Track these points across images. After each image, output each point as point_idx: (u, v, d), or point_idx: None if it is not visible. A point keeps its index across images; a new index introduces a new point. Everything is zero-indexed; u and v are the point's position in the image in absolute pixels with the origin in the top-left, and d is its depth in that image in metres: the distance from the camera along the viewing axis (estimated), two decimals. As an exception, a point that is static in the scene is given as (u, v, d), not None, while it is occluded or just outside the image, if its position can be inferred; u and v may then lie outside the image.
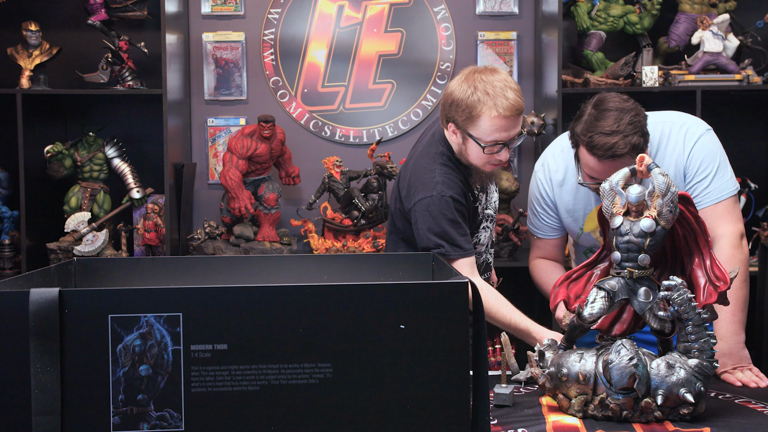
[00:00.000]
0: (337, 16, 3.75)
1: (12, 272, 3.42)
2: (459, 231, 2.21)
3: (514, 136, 2.20)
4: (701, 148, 2.08)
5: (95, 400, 1.23)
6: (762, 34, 3.54)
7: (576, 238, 2.27)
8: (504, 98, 2.13)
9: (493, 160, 2.21)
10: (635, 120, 1.94)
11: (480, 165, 2.23)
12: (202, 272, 1.77)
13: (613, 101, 1.97)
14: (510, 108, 2.13)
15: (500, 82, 2.16)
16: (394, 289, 1.28)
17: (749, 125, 3.74)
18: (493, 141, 2.17)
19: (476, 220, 2.35)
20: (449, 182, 2.23)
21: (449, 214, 2.20)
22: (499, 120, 2.14)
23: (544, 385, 1.75)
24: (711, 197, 2.07)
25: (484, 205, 2.38)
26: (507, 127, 2.16)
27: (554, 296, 1.80)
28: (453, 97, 2.20)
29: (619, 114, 1.94)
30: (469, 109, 2.16)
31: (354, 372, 1.27)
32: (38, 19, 3.53)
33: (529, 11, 3.76)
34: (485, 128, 2.15)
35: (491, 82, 2.15)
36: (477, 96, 2.15)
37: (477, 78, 2.18)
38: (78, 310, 1.22)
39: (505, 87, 2.15)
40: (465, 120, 2.18)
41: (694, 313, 1.62)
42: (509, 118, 2.14)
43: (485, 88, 2.15)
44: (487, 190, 2.40)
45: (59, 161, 3.48)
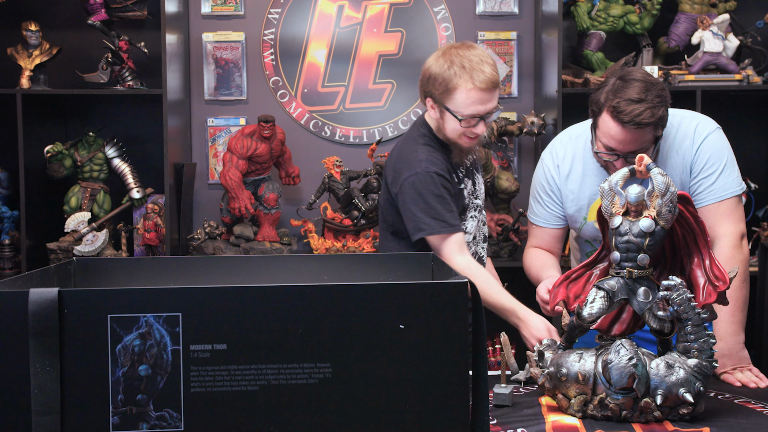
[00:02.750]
0: (337, 16, 3.75)
1: (12, 272, 3.42)
2: (446, 207, 2.24)
3: (491, 110, 2.25)
4: (710, 144, 2.08)
5: (95, 400, 1.23)
6: (762, 34, 3.54)
7: (579, 229, 2.25)
8: (480, 71, 2.19)
9: (470, 134, 2.26)
10: (662, 94, 1.93)
11: (457, 139, 2.28)
12: (202, 272, 1.77)
13: (640, 72, 1.97)
14: (486, 81, 2.19)
15: (476, 56, 2.21)
16: (394, 289, 1.28)
17: (749, 125, 3.74)
18: (470, 114, 2.22)
19: (461, 202, 2.36)
20: (433, 159, 2.28)
21: (435, 189, 2.24)
22: (475, 93, 2.19)
23: (543, 385, 1.75)
24: (715, 195, 2.06)
25: (470, 191, 2.39)
26: (483, 100, 2.21)
27: (554, 296, 1.80)
28: (430, 72, 2.26)
29: (646, 85, 1.93)
30: (446, 83, 2.21)
31: (354, 372, 1.27)
32: (38, 19, 3.53)
33: (529, 11, 3.76)
34: (462, 101, 2.20)
35: (467, 56, 2.21)
36: (453, 70, 2.20)
37: (453, 53, 2.23)
38: (77, 310, 1.23)
39: (482, 61, 2.21)
40: (442, 93, 2.23)
41: (693, 313, 1.62)
42: (485, 91, 2.20)
43: (461, 62, 2.20)
44: (474, 179, 2.43)
45: (59, 161, 3.48)
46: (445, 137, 2.31)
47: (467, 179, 2.39)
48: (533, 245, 2.34)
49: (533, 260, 2.30)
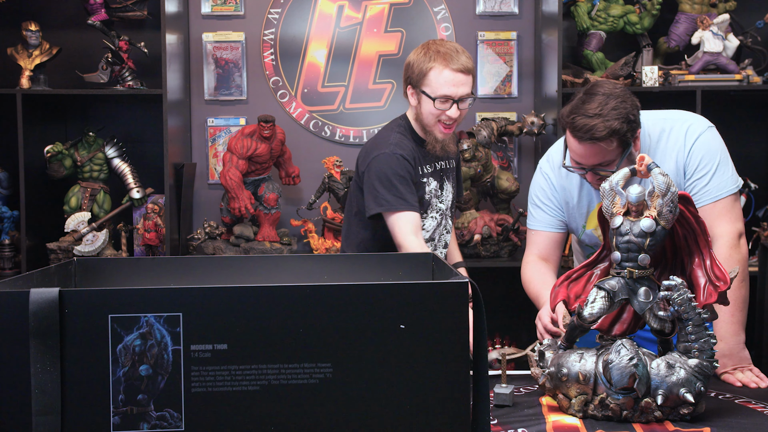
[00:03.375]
0: (337, 16, 3.75)
1: (12, 272, 3.42)
2: (407, 188, 2.36)
3: (464, 95, 2.38)
4: (702, 145, 2.07)
5: (95, 400, 1.23)
6: (762, 34, 3.54)
7: (579, 235, 2.26)
8: (454, 57, 2.36)
9: (444, 118, 2.38)
10: (620, 106, 1.93)
11: (432, 124, 2.41)
12: (202, 272, 1.77)
13: (604, 87, 1.98)
14: (458, 64, 2.35)
15: (452, 46, 2.40)
16: (394, 289, 1.28)
17: (749, 125, 3.74)
18: (442, 94, 2.35)
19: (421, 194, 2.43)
20: (402, 144, 2.43)
21: (400, 170, 2.37)
22: (448, 74, 2.35)
23: (544, 385, 1.75)
24: (710, 195, 2.06)
25: (435, 191, 2.46)
26: (455, 83, 2.35)
27: (554, 296, 1.80)
28: (409, 61, 2.45)
29: (605, 99, 1.94)
30: (421, 66, 2.39)
31: (354, 372, 1.27)
32: (38, 19, 3.53)
33: (529, 11, 3.76)
34: (435, 82, 2.36)
35: (443, 44, 2.40)
36: (429, 55, 2.39)
37: (430, 43, 2.43)
38: (78, 310, 1.22)
39: (456, 50, 2.38)
40: (418, 77, 2.40)
41: (694, 313, 1.62)
42: (457, 74, 2.35)
43: (437, 48, 2.39)
44: (443, 184, 2.52)
45: (59, 161, 3.48)
46: (422, 125, 2.44)
47: (432, 179, 2.48)
48: (533, 253, 2.28)
49: (533, 275, 2.23)
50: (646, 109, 2.20)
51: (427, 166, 2.47)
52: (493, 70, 3.77)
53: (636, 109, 1.97)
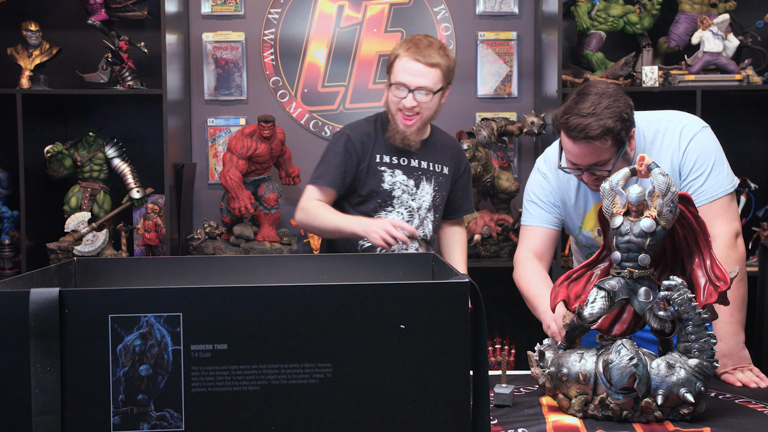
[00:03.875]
0: (337, 16, 3.75)
1: (12, 272, 3.42)
2: (332, 161, 2.46)
3: (420, 86, 2.40)
4: (697, 145, 2.07)
5: (95, 400, 1.23)
6: (762, 34, 3.54)
7: (576, 236, 2.26)
8: (421, 49, 2.39)
9: (401, 105, 2.42)
10: (613, 105, 1.94)
11: (393, 112, 2.46)
12: (202, 272, 1.77)
13: (596, 87, 1.98)
14: (422, 55, 2.39)
15: (427, 40, 2.43)
16: (394, 289, 1.28)
17: (749, 125, 3.74)
18: (398, 81, 2.41)
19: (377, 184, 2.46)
20: (357, 125, 2.54)
21: (337, 147, 2.49)
22: (407, 62, 2.40)
23: (544, 385, 1.75)
24: (706, 195, 2.05)
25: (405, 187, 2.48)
26: (414, 72, 2.39)
27: (554, 296, 1.80)
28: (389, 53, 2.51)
29: (598, 98, 1.95)
30: (392, 54, 2.47)
31: (354, 372, 1.27)
32: (38, 19, 3.53)
33: (529, 11, 3.76)
34: (396, 68, 2.43)
35: (420, 37, 2.44)
36: (403, 44, 2.45)
37: (414, 36, 2.48)
38: (78, 310, 1.22)
39: (430, 44, 2.41)
40: (388, 65, 2.48)
41: (694, 313, 1.62)
42: (417, 64, 2.39)
43: (412, 39, 2.44)
44: (419, 182, 2.52)
45: (59, 161, 3.48)
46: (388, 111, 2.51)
47: (400, 171, 2.49)
48: (528, 249, 2.23)
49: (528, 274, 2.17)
50: (647, 110, 2.21)
51: (393, 157, 2.49)
52: (493, 70, 3.77)
53: (629, 108, 1.97)
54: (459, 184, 2.67)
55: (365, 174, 2.47)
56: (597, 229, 2.17)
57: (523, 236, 2.28)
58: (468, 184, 2.72)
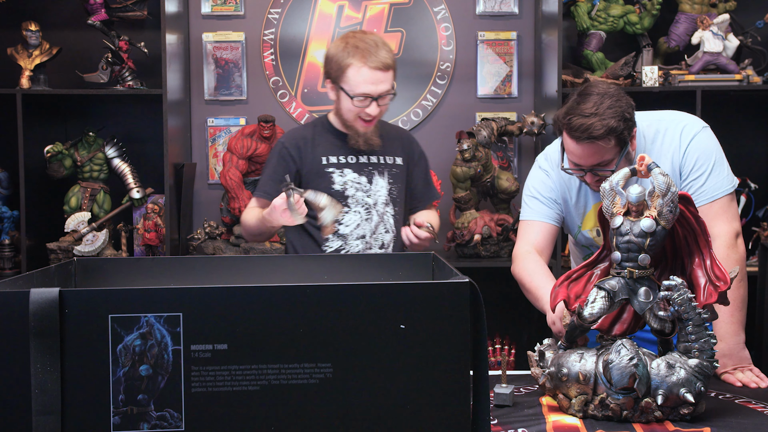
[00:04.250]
0: (337, 16, 3.75)
1: (12, 272, 3.42)
2: (270, 173, 2.43)
3: (384, 92, 2.34)
4: (697, 145, 2.07)
5: (95, 400, 1.23)
6: (762, 34, 3.54)
7: (574, 235, 2.26)
8: (372, 53, 2.30)
9: (363, 115, 2.35)
10: (615, 105, 1.94)
11: (351, 120, 2.38)
12: (202, 272, 1.77)
13: (598, 87, 1.98)
14: (377, 61, 2.30)
15: (371, 39, 2.34)
16: (394, 289, 1.28)
17: (749, 125, 3.74)
18: (361, 93, 2.32)
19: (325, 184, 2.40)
20: (290, 133, 2.51)
21: (272, 157, 2.47)
22: (366, 72, 2.30)
23: (544, 385, 1.75)
24: (706, 195, 2.06)
25: (358, 185, 2.42)
26: (374, 81, 2.31)
27: (554, 296, 1.79)
28: (327, 54, 2.39)
29: (600, 98, 1.95)
30: (339, 62, 2.33)
31: (354, 372, 1.27)
32: (38, 19, 3.53)
33: (529, 11, 3.76)
34: (353, 80, 2.31)
35: (362, 38, 2.34)
36: (348, 50, 2.32)
37: (350, 35, 2.37)
38: (78, 310, 1.22)
39: (376, 44, 2.33)
40: (336, 72, 2.35)
41: (694, 313, 1.62)
42: (376, 71, 2.31)
43: (356, 43, 2.32)
44: (372, 178, 2.46)
45: (59, 161, 3.48)
46: (342, 120, 2.42)
47: (350, 170, 2.43)
48: (528, 243, 2.19)
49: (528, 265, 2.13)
50: (647, 110, 2.21)
51: (339, 157, 2.43)
52: (493, 70, 3.77)
53: (631, 108, 1.98)
54: (416, 172, 2.58)
55: (311, 178, 2.40)
56: (596, 229, 2.17)
57: (523, 231, 2.23)
58: (427, 171, 2.62)
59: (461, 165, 3.46)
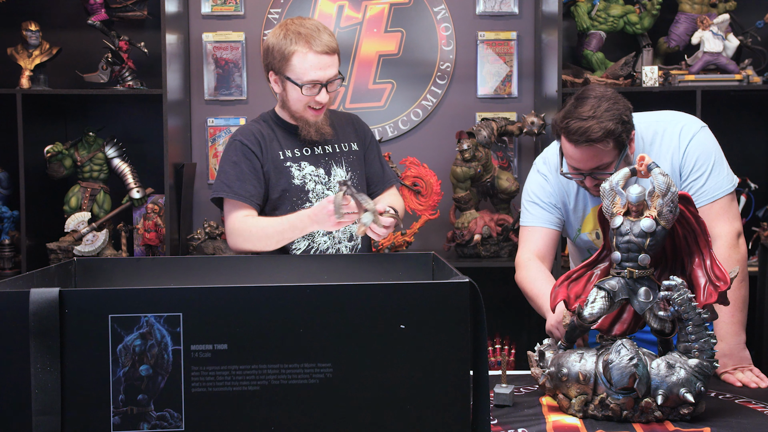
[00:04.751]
0: (337, 16, 3.75)
1: (12, 272, 3.42)
2: (238, 174, 2.27)
3: (332, 77, 2.25)
4: (696, 146, 2.07)
5: (95, 400, 1.23)
6: (762, 34, 3.54)
7: (573, 239, 2.26)
8: (316, 37, 2.21)
9: (313, 103, 2.26)
10: (613, 107, 1.94)
11: (301, 110, 2.28)
12: (202, 272, 1.77)
13: (595, 90, 1.98)
14: (322, 45, 2.21)
15: (312, 24, 2.25)
16: (394, 289, 1.28)
17: (749, 125, 3.74)
18: (309, 80, 2.22)
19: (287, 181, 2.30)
20: (244, 130, 2.34)
21: (233, 155, 2.29)
22: (312, 57, 2.20)
23: (544, 385, 1.75)
24: (707, 196, 2.05)
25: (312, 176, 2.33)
26: (322, 66, 2.22)
27: (554, 296, 1.80)
28: (267, 44, 2.28)
29: (597, 101, 1.94)
30: (282, 51, 2.22)
31: (354, 372, 1.27)
32: (38, 19, 3.53)
33: (529, 11, 3.76)
34: (300, 67, 2.21)
35: (303, 24, 2.24)
36: (290, 37, 2.22)
37: (289, 22, 2.27)
38: (78, 310, 1.22)
39: (317, 29, 2.24)
40: (280, 62, 2.24)
41: (694, 313, 1.62)
42: (322, 56, 2.21)
43: (297, 29, 2.22)
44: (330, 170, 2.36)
45: (59, 161, 3.48)
46: (291, 113, 2.32)
47: (307, 163, 2.33)
48: (529, 251, 2.20)
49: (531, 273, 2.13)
50: (647, 110, 2.21)
51: (294, 150, 2.33)
52: (493, 70, 3.77)
53: (628, 110, 1.97)
54: (370, 155, 2.48)
55: (272, 175, 2.30)
56: (595, 232, 2.17)
57: (524, 237, 2.24)
58: (380, 152, 2.53)
59: (461, 165, 3.46)
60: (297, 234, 2.19)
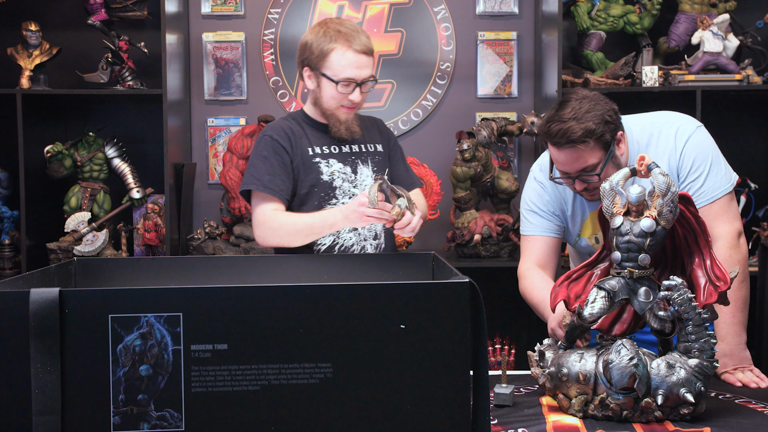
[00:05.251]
0: (337, 16, 3.75)
1: (12, 272, 3.42)
2: (267, 168, 2.29)
3: (367, 77, 2.29)
4: (693, 146, 2.06)
5: (95, 400, 1.23)
6: (762, 34, 3.54)
7: (573, 244, 2.26)
8: (356, 37, 2.26)
9: (346, 102, 2.29)
10: (594, 108, 1.93)
11: (334, 108, 2.31)
12: (202, 272, 1.77)
13: (576, 94, 1.98)
14: (361, 44, 2.26)
15: (351, 24, 2.30)
16: (394, 289, 1.28)
17: (749, 125, 3.74)
18: (345, 77, 2.26)
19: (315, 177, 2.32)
20: (274, 126, 2.37)
21: (263, 150, 2.32)
22: (351, 55, 2.24)
23: (544, 385, 1.75)
24: (705, 197, 2.04)
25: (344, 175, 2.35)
26: (359, 65, 2.26)
27: (554, 296, 1.80)
28: (305, 41, 2.32)
29: (578, 103, 1.94)
30: (321, 47, 2.26)
31: (354, 372, 1.27)
32: (38, 19, 3.53)
33: (529, 11, 3.76)
34: (337, 64, 2.25)
35: (342, 23, 2.30)
36: (329, 35, 2.26)
37: (328, 21, 2.32)
38: (78, 310, 1.22)
39: (356, 30, 2.29)
40: (317, 58, 2.27)
41: (694, 313, 1.62)
42: (360, 55, 2.25)
43: (337, 28, 2.27)
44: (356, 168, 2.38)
45: (59, 161, 3.48)
46: (323, 110, 2.34)
47: (336, 160, 2.36)
48: (530, 261, 2.20)
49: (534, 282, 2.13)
50: (647, 110, 2.20)
51: (323, 147, 2.36)
52: (493, 70, 3.77)
53: (612, 111, 1.96)
54: (394, 158, 2.51)
55: (301, 170, 2.33)
56: (594, 236, 2.17)
57: (525, 247, 2.23)
58: (403, 155, 2.57)
59: (461, 165, 3.46)
60: (327, 230, 2.21)
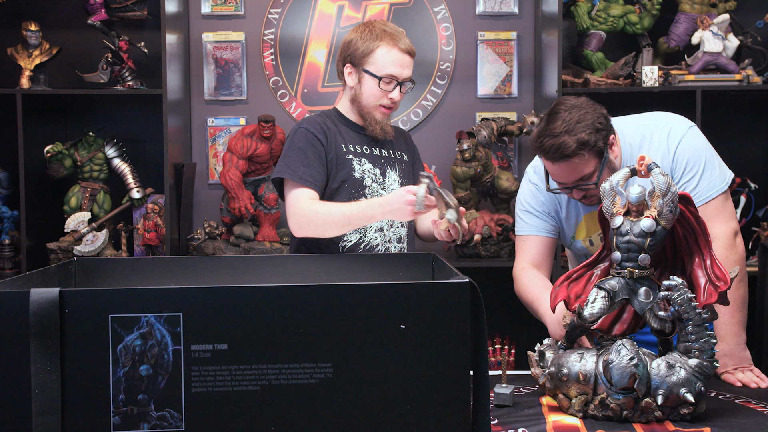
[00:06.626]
0: (337, 16, 3.75)
1: (12, 272, 3.42)
2: (302, 159, 2.31)
3: (407, 78, 2.34)
4: (686, 147, 2.05)
5: (95, 400, 1.23)
6: (762, 34, 3.54)
7: (568, 246, 2.25)
8: (400, 37, 2.33)
9: (386, 101, 2.33)
10: (584, 118, 1.92)
11: (372, 106, 2.35)
12: (202, 272, 1.77)
13: (564, 104, 1.97)
14: (406, 45, 2.33)
15: (394, 26, 2.37)
16: (394, 289, 1.28)
17: (749, 125, 3.74)
18: (388, 74, 2.30)
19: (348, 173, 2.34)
20: (310, 119, 2.40)
21: (299, 142, 2.33)
22: (396, 53, 2.31)
23: (544, 385, 1.75)
24: (700, 197, 2.03)
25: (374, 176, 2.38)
26: (402, 64, 2.32)
27: (554, 296, 1.80)
28: (349, 39, 2.38)
29: (568, 114, 1.93)
30: (366, 44, 2.32)
31: (354, 372, 1.27)
32: (38, 19, 3.53)
33: (529, 11, 3.76)
34: (382, 60, 2.31)
35: (387, 24, 2.37)
36: (375, 33, 2.33)
37: (374, 22, 2.38)
38: (78, 310, 1.22)
39: (400, 31, 2.36)
40: (362, 54, 2.33)
41: (694, 313, 1.62)
42: (404, 55, 2.32)
43: (382, 27, 2.34)
44: (386, 171, 2.41)
45: (59, 161, 3.48)
46: (360, 108, 2.37)
47: (366, 160, 2.38)
48: (525, 260, 2.19)
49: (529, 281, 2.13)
50: (647, 110, 2.20)
51: (356, 146, 2.38)
52: (493, 70, 3.77)
53: (602, 117, 1.95)
54: (417, 169, 2.54)
55: (334, 165, 2.35)
56: (589, 239, 2.17)
57: (520, 247, 2.23)
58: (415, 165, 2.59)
59: (461, 165, 3.46)
60: (364, 222, 2.19)
